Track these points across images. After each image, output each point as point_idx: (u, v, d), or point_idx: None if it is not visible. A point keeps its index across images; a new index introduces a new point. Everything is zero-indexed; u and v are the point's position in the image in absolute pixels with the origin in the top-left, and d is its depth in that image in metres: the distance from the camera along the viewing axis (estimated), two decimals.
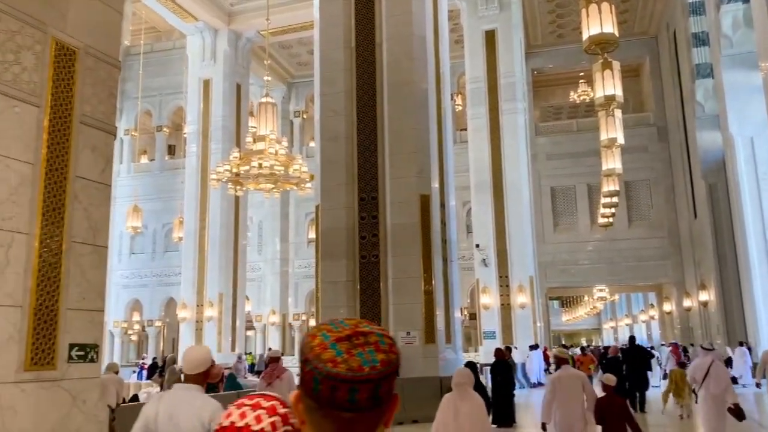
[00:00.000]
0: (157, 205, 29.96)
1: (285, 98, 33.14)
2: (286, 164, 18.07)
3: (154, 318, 30.27)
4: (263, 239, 32.42)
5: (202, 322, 24.65)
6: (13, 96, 5.47)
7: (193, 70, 26.75)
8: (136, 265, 30.45)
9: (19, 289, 5.29)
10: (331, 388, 1.05)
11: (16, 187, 5.39)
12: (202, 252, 25.30)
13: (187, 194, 26.19)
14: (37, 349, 5.35)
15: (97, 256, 6.06)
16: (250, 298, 30.33)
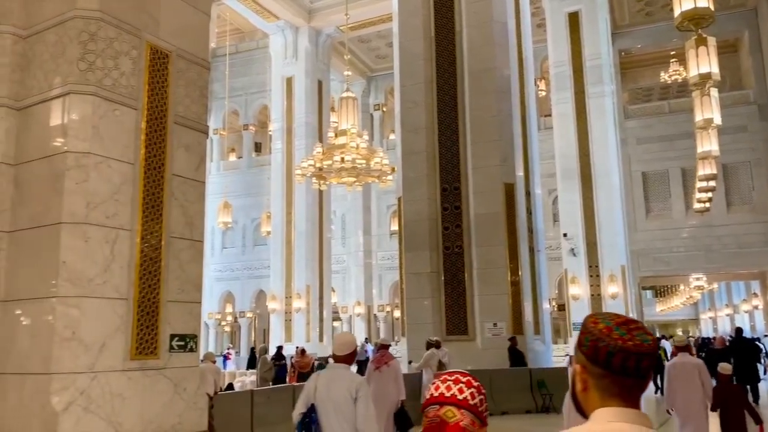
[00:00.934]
0: (246, 201, 31.00)
1: (365, 92, 33.41)
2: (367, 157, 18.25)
3: (246, 309, 31.41)
4: (346, 232, 32.91)
5: (291, 313, 25.34)
6: (114, 100, 5.77)
7: (276, 68, 27.43)
8: (227, 258, 31.66)
9: (123, 282, 5.60)
10: (623, 359, 1.40)
11: (119, 186, 5.70)
12: (289, 245, 25.97)
13: (273, 190, 26.94)
14: (142, 339, 5.65)
15: (194, 250, 6.33)
16: (336, 290, 30.90)
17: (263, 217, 28.15)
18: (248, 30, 31.50)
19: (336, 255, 30.22)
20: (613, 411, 1.40)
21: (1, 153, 5.85)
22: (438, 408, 1.71)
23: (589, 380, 1.44)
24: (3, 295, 5.64)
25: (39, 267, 5.47)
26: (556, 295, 27.19)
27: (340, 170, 18.04)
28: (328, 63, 28.14)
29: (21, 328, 5.48)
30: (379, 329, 32.56)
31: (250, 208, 30.96)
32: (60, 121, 5.64)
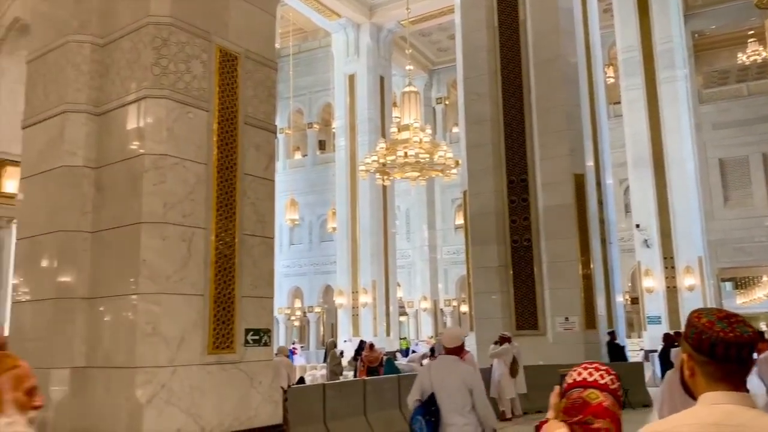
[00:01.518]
0: (312, 198, 31.47)
1: (427, 86, 33.28)
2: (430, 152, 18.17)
3: (314, 304, 31.93)
4: (411, 227, 32.91)
5: (357, 308, 25.59)
6: (187, 103, 5.96)
7: (338, 66, 27.69)
8: (295, 255, 32.25)
9: (200, 279, 5.77)
10: (725, 349, 1.57)
11: (193, 186, 5.88)
12: (354, 241, 26.20)
13: (338, 186, 27.23)
14: (218, 334, 5.82)
15: (266, 247, 6.46)
16: (402, 285, 30.97)
17: (329, 213, 28.52)
18: (311, 29, 31.90)
19: (401, 250, 30.28)
20: (718, 394, 1.58)
21: (84, 157, 6.14)
22: (581, 390, 1.92)
23: (696, 367, 1.63)
24: (88, 292, 5.92)
25: (121, 265, 5.71)
26: (630, 288, 26.34)
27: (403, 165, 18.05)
28: (389, 58, 28.17)
29: (106, 324, 5.74)
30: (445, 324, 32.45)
31: (316, 205, 31.41)
32: (137, 124, 5.87)
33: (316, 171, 32.33)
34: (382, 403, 9.62)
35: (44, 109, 6.44)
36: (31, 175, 6.55)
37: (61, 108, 6.21)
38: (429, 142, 18.25)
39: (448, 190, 30.37)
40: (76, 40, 6.27)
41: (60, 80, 6.34)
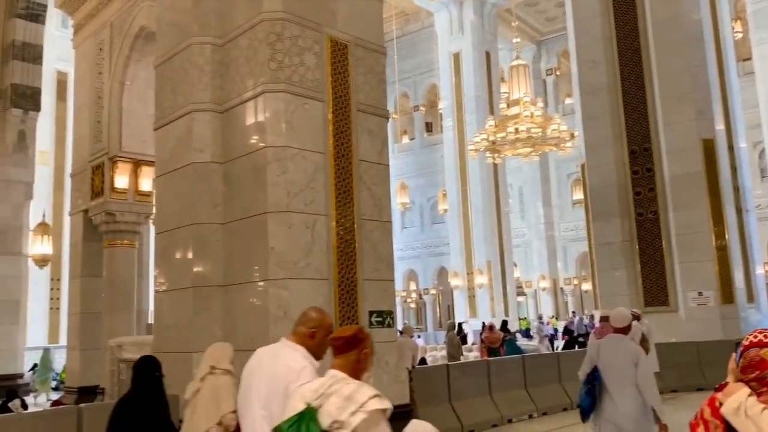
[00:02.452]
0: (421, 180, 31.54)
1: (535, 57, 32.24)
2: (543, 126, 17.60)
3: (429, 287, 32.11)
4: (525, 204, 32.17)
5: (473, 289, 25.43)
6: (302, 94, 6.13)
7: (442, 45, 27.42)
8: (408, 238, 32.51)
9: (324, 263, 5.96)
10: None
11: (313, 174, 6.06)
12: (467, 221, 26.00)
13: (447, 167, 27.08)
14: (344, 317, 5.99)
15: (384, 231, 6.56)
16: (518, 264, 30.40)
17: (439, 195, 28.45)
18: (412, 11, 31.79)
19: (516, 229, 29.69)
20: None
21: (211, 153, 6.50)
22: (758, 350, 2.03)
23: None
24: (223, 280, 6.29)
25: (251, 253, 6.01)
26: None
27: (514, 141, 17.64)
28: (495, 33, 27.53)
29: (240, 310, 6.07)
30: (567, 303, 31.53)
31: (426, 188, 31.45)
32: (258, 119, 6.12)
33: (424, 153, 32.33)
34: (506, 384, 9.52)
35: (173, 110, 6.87)
36: (164, 173, 7.03)
37: (188, 108, 6.60)
38: (541, 115, 17.70)
39: (564, 165, 29.36)
40: (197, 42, 6.63)
41: (185, 82, 6.73)
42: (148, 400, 3.99)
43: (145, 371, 4.12)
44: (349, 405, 2.21)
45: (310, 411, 2.27)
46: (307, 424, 2.23)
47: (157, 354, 6.85)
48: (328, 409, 2.24)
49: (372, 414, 2.19)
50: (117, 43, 10.35)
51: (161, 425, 4.06)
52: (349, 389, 2.27)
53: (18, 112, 15.78)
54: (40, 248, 16.18)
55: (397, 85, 30.00)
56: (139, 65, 10.22)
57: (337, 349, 2.50)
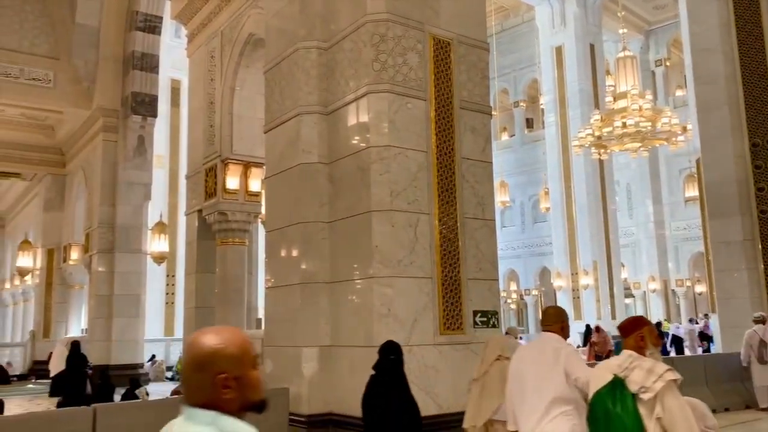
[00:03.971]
0: (522, 178, 30.88)
1: (643, 48, 30.71)
2: (652, 119, 16.73)
3: (530, 287, 31.40)
4: (632, 202, 30.72)
5: (578, 290, 24.61)
6: (405, 94, 6.18)
7: (543, 39, 26.72)
8: (508, 237, 31.93)
9: (427, 262, 5.98)
10: None
11: (416, 173, 6.09)
12: (571, 220, 25.18)
13: (549, 165, 26.35)
14: (448, 316, 5.98)
15: (487, 229, 6.49)
16: (626, 265, 29.10)
17: (541, 193, 27.73)
18: (512, 6, 31.21)
19: (623, 228, 28.41)
20: None
21: (318, 154, 6.68)
22: None
23: None
24: (329, 277, 6.45)
25: (356, 251, 6.13)
26: None
27: (621, 136, 16.87)
28: (599, 24, 26.48)
29: (345, 306, 6.21)
30: (678, 306, 29.84)
31: (527, 186, 30.75)
32: (362, 119, 6.23)
33: (525, 150, 31.62)
34: None
35: (281, 114, 7.12)
36: (273, 174, 7.30)
37: (295, 111, 6.82)
38: (650, 108, 16.82)
39: (675, 160, 27.78)
40: (304, 46, 6.83)
41: (292, 85, 6.96)
42: (390, 377, 4.65)
43: (384, 354, 4.72)
44: (650, 375, 3.00)
45: (619, 379, 3.07)
46: (620, 389, 3.04)
47: (267, 347, 7.16)
48: (634, 378, 3.03)
49: (669, 382, 2.98)
50: (227, 51, 10.87)
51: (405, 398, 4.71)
52: (648, 364, 3.06)
53: (137, 118, 16.95)
54: (157, 246, 17.28)
55: (496, 81, 29.56)
56: (248, 71, 10.67)
57: (622, 331, 3.38)
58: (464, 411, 5.79)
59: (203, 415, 1.43)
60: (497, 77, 29.39)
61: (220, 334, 1.51)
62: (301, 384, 6.24)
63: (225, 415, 1.44)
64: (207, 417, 1.43)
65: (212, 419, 1.43)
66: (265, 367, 7.12)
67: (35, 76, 17.08)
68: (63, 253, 20.07)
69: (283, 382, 6.42)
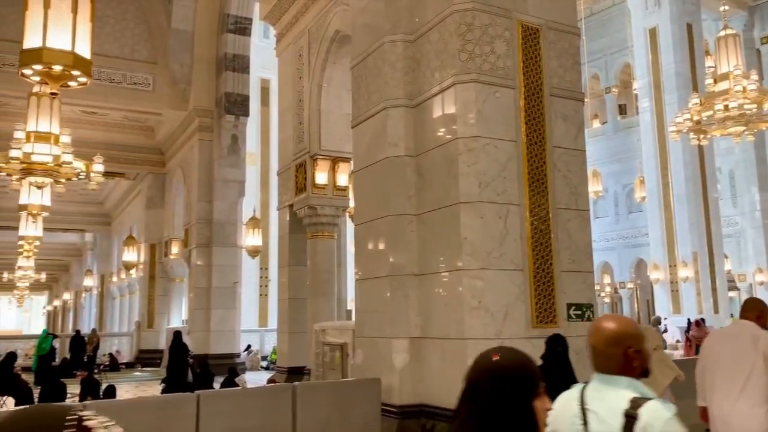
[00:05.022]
0: (615, 167, 29.73)
1: (746, 26, 28.76)
2: (758, 101, 15.65)
3: (625, 280, 30.22)
4: (736, 190, 28.89)
5: (676, 282, 23.46)
6: (493, 83, 6.08)
7: (636, 21, 25.56)
8: (601, 228, 30.85)
9: (518, 254, 5.87)
10: None
11: (505, 164, 5.99)
12: (668, 210, 24.02)
13: (644, 152, 25.22)
14: (540, 308, 5.85)
15: (581, 220, 6.29)
16: (729, 256, 27.45)
17: (635, 182, 26.55)
18: None
19: (726, 217, 26.81)
20: None
21: (404, 147, 6.70)
22: None
23: None
24: (418, 269, 6.47)
25: (444, 244, 6.11)
26: None
27: (723, 120, 15.90)
28: (697, 2, 25.01)
29: (435, 299, 6.20)
30: None
31: (620, 174, 29.57)
32: (449, 111, 6.19)
33: (617, 138, 30.41)
34: None
35: (367, 108, 7.19)
36: (361, 168, 7.39)
37: (381, 105, 6.87)
38: (756, 89, 15.75)
39: None
40: (389, 40, 6.86)
41: (379, 80, 7.01)
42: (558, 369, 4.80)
43: (552, 345, 4.91)
44: None
45: None
46: None
47: (358, 338, 7.28)
48: None
49: None
50: (314, 49, 11.09)
51: None
52: None
53: (231, 117, 17.61)
54: (251, 240, 17.92)
55: (586, 67, 28.59)
56: (335, 68, 10.85)
57: None
58: None
59: (621, 380, 1.91)
60: (587, 63, 28.40)
61: (620, 320, 2.03)
62: (392, 375, 6.30)
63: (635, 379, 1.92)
64: (624, 381, 1.91)
65: (629, 383, 1.90)
66: (356, 358, 7.25)
67: (136, 81, 18.10)
68: (164, 247, 21.22)
69: (374, 372, 6.51)
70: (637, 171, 26.40)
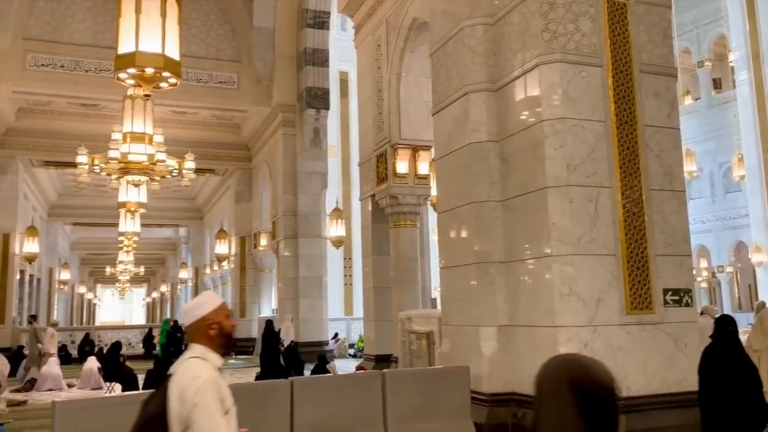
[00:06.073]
0: (709, 145, 28.12)
1: None
2: None
3: (724, 264, 28.63)
4: None
5: None
6: (578, 62, 5.87)
7: None
8: (696, 210, 29.28)
9: (610, 239, 5.67)
10: None
11: (593, 145, 5.78)
12: None
13: (743, 128, 23.74)
14: (635, 294, 5.63)
15: (676, 201, 6.00)
16: None
17: (733, 160, 25.00)
18: None
19: None
20: None
21: (487, 132, 6.59)
22: None
23: None
24: (503, 257, 6.37)
25: (531, 230, 5.98)
26: None
27: None
28: None
29: (523, 286, 6.09)
30: None
31: (716, 152, 27.93)
32: (532, 93, 6.04)
33: (712, 114, 28.72)
34: None
35: (448, 94, 7.12)
36: (443, 155, 7.34)
37: (462, 90, 6.79)
38: None
39: None
40: (469, 24, 6.76)
41: (459, 65, 6.92)
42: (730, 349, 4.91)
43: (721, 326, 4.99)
44: None
45: None
46: None
47: (444, 326, 7.26)
48: None
49: None
50: (392, 38, 11.09)
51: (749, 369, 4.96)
52: None
53: (312, 111, 17.94)
54: (335, 231, 18.24)
55: (676, 41, 27.12)
56: (413, 56, 10.81)
57: None
58: (657, 394, 5.45)
59: None
60: (677, 36, 26.93)
61: None
62: (480, 363, 6.26)
63: None
64: None
65: None
66: (443, 346, 7.25)
67: (222, 80, 18.76)
68: (253, 240, 21.95)
69: (461, 360, 6.48)
70: (735, 148, 24.87)
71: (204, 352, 2.32)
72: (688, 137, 27.27)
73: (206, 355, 2.32)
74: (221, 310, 2.41)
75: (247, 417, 4.97)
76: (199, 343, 2.34)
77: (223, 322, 2.38)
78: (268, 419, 5.07)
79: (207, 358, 2.31)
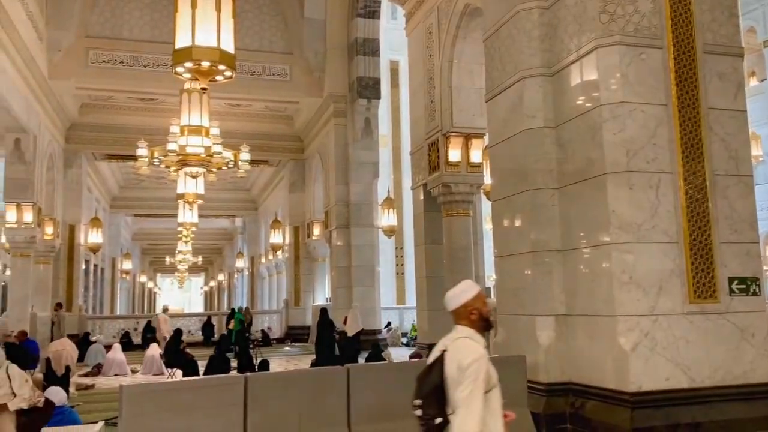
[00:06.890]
0: None
1: None
2: None
3: None
4: None
5: None
6: (637, 44, 5.70)
7: None
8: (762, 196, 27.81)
9: (672, 226, 5.50)
10: None
11: (654, 129, 5.61)
12: None
13: None
14: (698, 283, 5.46)
15: (743, 186, 5.78)
16: None
17: None
18: None
19: None
20: None
21: (543, 118, 6.48)
22: None
23: None
24: (561, 245, 6.26)
25: (589, 217, 5.85)
26: None
27: None
28: None
29: (581, 275, 5.98)
30: None
31: None
32: (590, 77, 5.89)
33: None
34: None
35: (502, 80, 7.03)
36: (497, 142, 7.25)
37: (517, 76, 6.68)
38: None
39: None
40: (524, 8, 6.64)
41: (513, 50, 6.81)
42: None
43: None
44: None
45: None
46: None
47: (499, 316, 7.20)
48: None
49: None
50: (444, 25, 11.00)
51: None
52: None
53: (363, 101, 17.98)
54: (386, 220, 18.28)
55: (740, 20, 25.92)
56: (465, 42, 10.69)
57: None
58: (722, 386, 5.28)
59: None
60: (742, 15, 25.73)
61: None
62: (537, 352, 6.19)
63: None
64: None
65: None
66: (498, 335, 7.19)
67: (274, 72, 19.00)
68: (306, 229, 22.23)
69: (517, 349, 6.43)
70: None
71: (472, 333, 2.69)
72: (753, 120, 26.04)
73: (473, 336, 2.68)
74: (479, 297, 2.75)
75: (308, 401, 5.09)
76: (464, 325, 2.71)
77: (481, 308, 2.73)
78: (326, 404, 5.15)
79: (474, 339, 2.66)
